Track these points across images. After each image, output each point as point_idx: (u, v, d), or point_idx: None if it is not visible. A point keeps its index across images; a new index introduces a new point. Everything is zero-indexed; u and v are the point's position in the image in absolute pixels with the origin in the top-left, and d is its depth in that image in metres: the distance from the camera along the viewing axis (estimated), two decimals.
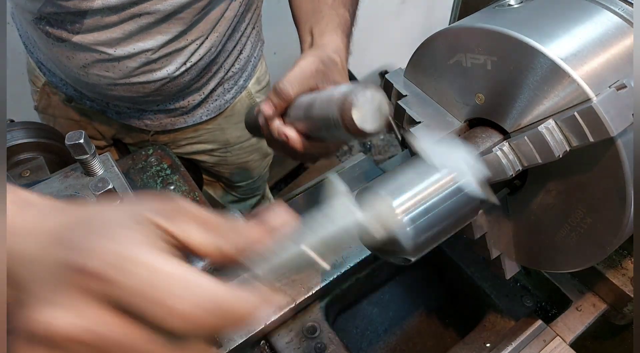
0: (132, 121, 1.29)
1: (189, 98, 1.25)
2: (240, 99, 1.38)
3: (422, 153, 0.57)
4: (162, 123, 1.30)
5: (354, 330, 1.05)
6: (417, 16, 2.89)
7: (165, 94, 1.17)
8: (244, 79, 1.35)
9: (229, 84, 1.31)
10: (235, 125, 1.42)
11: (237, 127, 1.43)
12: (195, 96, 1.25)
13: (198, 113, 1.32)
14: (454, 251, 0.99)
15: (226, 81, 1.29)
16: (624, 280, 0.83)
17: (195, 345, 0.36)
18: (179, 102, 1.24)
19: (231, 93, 1.33)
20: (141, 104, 1.22)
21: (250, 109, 0.96)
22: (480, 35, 0.62)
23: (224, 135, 1.43)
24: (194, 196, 0.92)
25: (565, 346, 0.82)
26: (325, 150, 0.82)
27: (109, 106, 1.25)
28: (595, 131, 0.53)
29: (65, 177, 0.65)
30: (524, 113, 0.61)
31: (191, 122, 1.33)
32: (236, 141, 1.46)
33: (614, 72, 0.56)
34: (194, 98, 1.26)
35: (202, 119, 1.34)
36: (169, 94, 1.18)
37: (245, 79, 1.36)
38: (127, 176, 0.92)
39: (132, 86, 1.10)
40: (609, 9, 0.60)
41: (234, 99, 1.35)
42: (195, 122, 1.33)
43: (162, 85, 1.12)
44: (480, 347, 0.87)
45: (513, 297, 0.92)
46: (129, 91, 1.11)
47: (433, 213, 0.61)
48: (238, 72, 1.31)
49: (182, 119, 1.31)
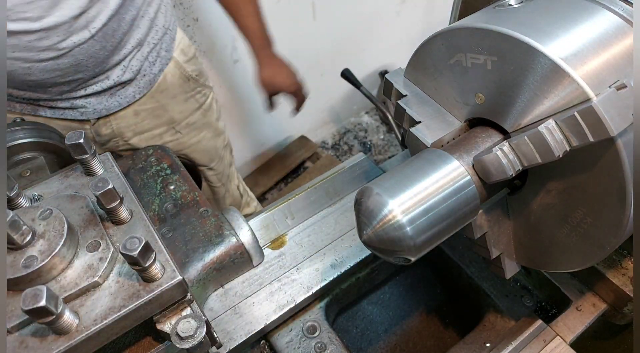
0: (67, 113, 1.26)
1: (110, 73, 1.24)
2: (169, 70, 1.38)
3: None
4: (96, 109, 1.28)
5: (353, 329, 1.05)
6: (417, 16, 2.89)
7: (84, 68, 1.16)
8: (166, 50, 1.36)
9: (152, 57, 1.32)
10: (173, 99, 1.42)
11: (177, 101, 1.43)
12: (116, 70, 1.25)
13: (130, 92, 1.31)
14: (454, 251, 0.99)
15: (149, 54, 1.30)
16: (624, 280, 0.83)
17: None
18: (102, 80, 1.23)
19: (157, 65, 1.34)
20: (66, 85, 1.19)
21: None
22: (480, 36, 0.62)
23: (167, 113, 1.43)
24: (194, 196, 0.92)
25: (565, 346, 0.82)
26: None
27: (39, 102, 1.22)
28: (595, 131, 0.53)
29: (65, 177, 0.65)
30: (524, 113, 0.61)
31: (125, 103, 1.32)
32: (180, 117, 1.47)
33: (614, 72, 0.56)
34: (117, 74, 1.25)
35: (135, 97, 1.33)
36: (88, 68, 1.17)
37: (167, 50, 1.36)
38: (127, 176, 0.92)
39: (47, 63, 1.09)
40: (609, 8, 0.60)
41: (161, 71, 1.36)
42: (130, 102, 1.32)
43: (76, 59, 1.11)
44: (480, 346, 0.87)
45: (513, 297, 0.92)
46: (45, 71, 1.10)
47: (433, 213, 0.61)
48: (158, 43, 1.32)
49: (115, 102, 1.30)
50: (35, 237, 0.52)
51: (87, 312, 0.51)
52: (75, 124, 1.31)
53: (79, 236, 0.55)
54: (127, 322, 0.52)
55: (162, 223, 0.88)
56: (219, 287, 0.89)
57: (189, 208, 0.90)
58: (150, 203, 0.91)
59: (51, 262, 0.51)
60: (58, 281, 0.52)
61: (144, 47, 1.28)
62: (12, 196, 0.58)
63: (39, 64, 1.10)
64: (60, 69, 1.13)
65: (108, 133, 1.37)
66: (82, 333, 0.49)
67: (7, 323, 0.49)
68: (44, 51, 1.08)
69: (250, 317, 0.84)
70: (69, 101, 1.24)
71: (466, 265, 0.97)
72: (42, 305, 0.44)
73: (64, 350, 0.49)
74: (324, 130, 3.16)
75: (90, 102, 1.27)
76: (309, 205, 1.01)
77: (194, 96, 1.49)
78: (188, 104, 1.48)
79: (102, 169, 0.64)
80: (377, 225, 0.60)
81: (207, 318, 0.58)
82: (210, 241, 0.85)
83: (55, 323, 0.47)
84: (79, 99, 1.24)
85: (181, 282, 0.54)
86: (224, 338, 0.82)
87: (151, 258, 0.51)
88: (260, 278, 0.89)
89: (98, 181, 0.54)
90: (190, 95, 1.48)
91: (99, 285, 0.53)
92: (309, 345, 0.85)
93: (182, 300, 0.56)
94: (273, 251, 0.94)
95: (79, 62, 1.14)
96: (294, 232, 0.97)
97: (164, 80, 1.38)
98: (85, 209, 0.58)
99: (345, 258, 0.92)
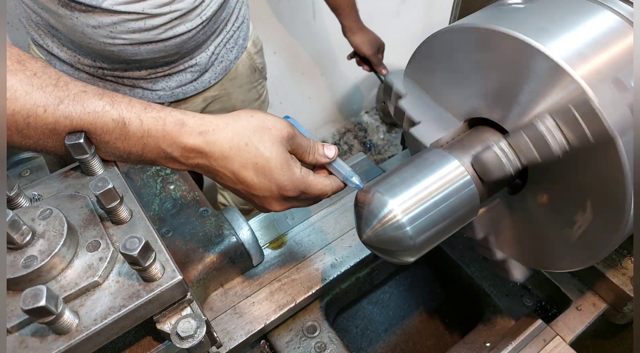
0: (146, 95, 1.32)
1: (197, 57, 1.31)
2: (242, 61, 1.46)
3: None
4: (174, 93, 1.34)
5: (354, 329, 1.05)
6: (417, 16, 2.89)
7: (184, 50, 1.24)
8: (243, 38, 1.43)
9: (231, 44, 1.39)
10: (239, 88, 1.50)
11: (242, 91, 1.51)
12: (202, 55, 1.31)
13: (206, 78, 1.38)
14: (453, 250, 0.99)
15: (228, 41, 1.37)
16: (623, 280, 0.83)
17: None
18: (188, 60, 1.30)
19: (233, 53, 1.41)
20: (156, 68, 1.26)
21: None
22: (480, 35, 0.62)
23: (230, 100, 1.50)
24: (194, 196, 0.92)
25: (565, 345, 0.82)
26: None
27: (124, 81, 1.28)
28: (595, 130, 0.53)
29: (65, 177, 0.65)
30: (524, 112, 0.61)
31: (200, 88, 1.38)
32: (241, 105, 1.54)
33: (614, 72, 0.56)
34: (202, 57, 1.31)
35: (210, 83, 1.39)
36: (188, 50, 1.25)
37: (244, 39, 1.44)
38: (127, 175, 0.92)
39: (156, 45, 1.17)
40: (609, 8, 0.60)
41: (237, 59, 1.43)
42: (205, 87, 1.39)
43: (181, 42, 1.20)
44: (480, 346, 0.87)
45: (513, 297, 0.92)
46: (151, 52, 1.18)
47: (433, 213, 0.61)
48: (237, 31, 1.39)
49: (192, 86, 1.36)
50: (35, 237, 0.52)
51: (87, 311, 0.51)
52: None
53: (79, 236, 0.55)
54: (127, 321, 0.52)
55: (162, 223, 0.88)
56: (219, 287, 0.89)
57: (189, 208, 0.90)
58: (150, 203, 0.91)
59: (51, 262, 0.51)
60: (58, 281, 0.52)
61: (228, 34, 1.36)
62: (12, 196, 0.58)
63: (149, 46, 1.17)
64: (166, 51, 1.20)
65: None
66: (82, 333, 0.49)
67: (7, 323, 0.49)
68: (162, 33, 1.15)
69: (250, 317, 0.84)
70: (150, 82, 1.29)
71: (466, 264, 0.97)
72: (42, 305, 0.44)
73: (64, 350, 0.49)
74: (324, 130, 3.16)
75: (170, 86, 1.32)
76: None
77: (256, 87, 1.57)
78: (250, 94, 1.55)
79: (102, 169, 0.64)
80: (376, 224, 0.60)
81: (207, 318, 0.58)
82: (210, 241, 0.85)
83: (55, 323, 0.47)
84: (160, 80, 1.30)
85: (181, 282, 0.54)
86: (224, 337, 0.82)
87: (151, 258, 0.51)
88: (260, 278, 0.90)
89: (98, 180, 0.54)
90: (253, 86, 1.55)
91: (99, 284, 0.53)
92: (309, 344, 0.85)
93: (182, 300, 0.56)
94: (273, 251, 0.94)
95: (182, 45, 1.21)
96: (294, 232, 0.97)
97: (236, 68, 1.45)
98: (85, 209, 0.58)
99: (345, 257, 0.92)
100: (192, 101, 1.41)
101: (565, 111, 0.55)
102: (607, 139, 0.53)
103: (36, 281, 0.51)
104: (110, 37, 1.13)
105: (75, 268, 0.53)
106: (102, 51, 1.17)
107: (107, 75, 1.26)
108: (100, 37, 1.12)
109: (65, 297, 0.51)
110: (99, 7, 1.06)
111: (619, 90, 0.54)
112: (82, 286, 0.51)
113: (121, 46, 1.15)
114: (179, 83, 1.33)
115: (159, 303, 0.53)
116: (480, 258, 0.97)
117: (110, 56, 1.19)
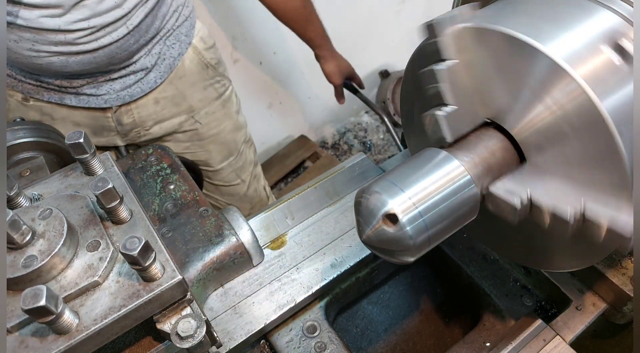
0: (91, 100, 1.30)
1: (136, 59, 1.29)
2: (188, 56, 1.43)
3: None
4: (119, 96, 1.33)
5: (354, 329, 1.05)
6: (417, 16, 2.89)
7: (117, 60, 1.23)
8: (185, 34, 1.40)
9: (171, 41, 1.36)
10: (192, 87, 1.46)
11: (196, 89, 1.48)
12: (141, 56, 1.30)
13: (151, 77, 1.36)
14: (453, 250, 0.99)
15: (167, 38, 1.35)
16: (623, 279, 0.83)
17: None
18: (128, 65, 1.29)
19: (176, 49, 1.38)
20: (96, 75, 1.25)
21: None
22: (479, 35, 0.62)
23: (185, 100, 1.47)
24: (194, 196, 0.92)
25: (565, 345, 0.82)
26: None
27: (67, 90, 1.27)
28: (595, 130, 0.53)
29: (65, 176, 0.65)
30: (524, 113, 0.61)
31: (147, 89, 1.36)
32: (199, 105, 1.50)
33: (614, 72, 0.56)
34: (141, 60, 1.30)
35: (156, 82, 1.37)
36: (121, 59, 1.24)
37: (187, 34, 1.41)
38: (127, 175, 0.92)
39: (83, 56, 1.15)
40: (609, 8, 0.60)
41: (181, 55, 1.41)
42: (151, 87, 1.37)
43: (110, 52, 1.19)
44: (480, 346, 0.87)
45: (513, 297, 0.92)
46: (80, 63, 1.16)
47: (433, 213, 0.61)
48: (178, 28, 1.37)
49: (138, 88, 1.35)
50: (35, 237, 0.52)
51: (87, 311, 0.51)
52: (99, 113, 1.36)
53: (79, 235, 0.55)
54: (127, 321, 0.52)
55: (162, 223, 0.88)
56: (219, 287, 0.89)
57: (188, 208, 0.90)
58: (150, 203, 0.91)
59: (51, 262, 0.51)
60: (58, 281, 0.52)
61: (167, 32, 1.35)
62: (12, 196, 0.58)
63: (77, 57, 1.16)
64: (96, 62, 1.20)
65: (130, 122, 1.41)
66: (82, 333, 0.49)
67: (7, 323, 0.49)
68: (85, 45, 1.14)
69: (250, 317, 0.84)
70: (94, 88, 1.29)
71: (466, 264, 0.97)
72: (42, 305, 0.44)
73: (64, 350, 0.49)
74: (324, 130, 3.16)
75: (114, 89, 1.31)
76: (309, 205, 1.01)
77: (212, 85, 1.53)
78: (207, 92, 1.52)
79: (102, 169, 0.64)
80: (376, 224, 0.60)
81: (207, 318, 0.58)
82: (210, 240, 0.85)
83: (55, 323, 0.47)
84: (103, 84, 1.29)
85: (181, 282, 0.54)
86: (224, 337, 0.82)
87: (151, 258, 0.51)
88: (260, 278, 0.89)
89: (98, 180, 0.54)
90: (209, 83, 1.52)
91: (99, 284, 0.53)
92: (309, 344, 0.85)
93: (182, 300, 0.56)
94: (273, 251, 0.94)
95: (113, 55, 1.21)
96: (294, 232, 0.97)
97: (183, 65, 1.42)
98: (85, 209, 0.58)
99: (345, 257, 0.92)
100: (143, 104, 1.39)
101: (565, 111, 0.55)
102: (607, 138, 0.53)
103: (36, 281, 0.51)
104: (35, 51, 1.12)
105: (75, 268, 0.53)
106: (30, 64, 1.16)
107: (50, 84, 1.25)
108: (24, 50, 1.12)
109: (65, 297, 0.51)
110: (14, 24, 1.06)
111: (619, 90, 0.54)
112: (82, 286, 0.51)
113: (47, 58, 1.13)
114: (123, 85, 1.31)
115: (159, 303, 0.53)
116: (480, 258, 0.97)
117: (40, 69, 1.18)
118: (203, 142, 1.56)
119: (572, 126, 0.56)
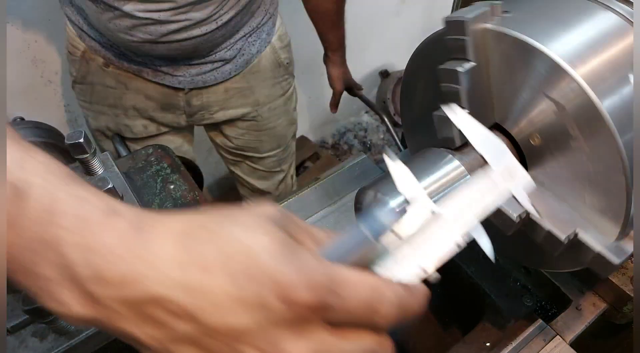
0: (167, 78, 1.37)
1: (218, 53, 1.36)
2: (265, 54, 1.48)
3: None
4: (194, 80, 1.39)
5: None
6: (417, 16, 2.89)
7: (202, 49, 1.31)
8: (267, 33, 1.46)
9: (253, 38, 1.42)
10: (263, 83, 1.52)
11: (265, 85, 1.53)
12: (222, 49, 1.36)
13: (227, 68, 1.41)
14: None
15: (250, 35, 1.41)
16: (623, 280, 0.83)
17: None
18: (209, 57, 1.36)
19: (255, 46, 1.43)
20: (177, 61, 1.33)
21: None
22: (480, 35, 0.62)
23: (253, 94, 1.53)
24: (194, 196, 0.92)
25: (565, 345, 0.82)
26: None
27: (147, 65, 1.34)
28: (595, 130, 0.53)
29: None
30: (524, 113, 0.61)
31: (220, 78, 1.42)
32: (265, 100, 1.56)
33: (614, 72, 0.56)
34: (222, 52, 1.36)
35: (230, 74, 1.43)
36: (205, 49, 1.31)
37: (268, 33, 1.46)
38: (127, 175, 0.92)
39: (171, 44, 1.23)
40: (609, 8, 0.60)
41: (259, 53, 1.46)
42: (225, 78, 1.43)
43: (197, 43, 1.26)
44: (480, 346, 0.87)
45: (513, 297, 0.92)
46: (167, 49, 1.25)
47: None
48: (260, 27, 1.42)
49: (212, 75, 1.40)
50: None
51: None
52: (171, 92, 1.43)
53: None
54: None
55: None
56: None
57: (188, 208, 0.90)
58: (150, 203, 0.91)
59: None
60: None
61: (250, 29, 1.40)
62: None
63: (165, 45, 1.24)
64: (182, 50, 1.27)
65: (198, 104, 1.48)
66: (82, 333, 0.49)
67: (7, 323, 0.49)
68: (176, 34, 1.21)
69: None
70: (171, 68, 1.35)
71: (466, 264, 0.97)
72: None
73: (64, 350, 0.49)
74: (324, 130, 3.16)
75: (190, 73, 1.37)
76: (309, 205, 1.01)
77: (280, 83, 1.58)
78: (274, 89, 1.58)
79: (102, 168, 0.64)
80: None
81: None
82: None
83: (55, 323, 0.47)
84: (182, 67, 1.36)
85: None
86: None
87: None
88: None
89: (98, 180, 0.54)
90: (277, 81, 1.57)
91: None
92: None
93: None
94: None
95: (199, 45, 1.28)
96: None
97: (259, 62, 1.47)
98: None
99: None
100: (214, 90, 1.45)
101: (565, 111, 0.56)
102: (608, 138, 0.53)
103: None
104: (130, 34, 1.20)
105: None
106: (123, 43, 1.25)
107: (133, 58, 1.33)
108: (120, 33, 1.20)
109: None
110: (119, 9, 1.14)
111: (619, 90, 0.54)
112: None
113: (139, 43, 1.22)
114: (199, 71, 1.37)
115: None
116: (480, 257, 0.97)
117: (130, 48, 1.26)
118: (258, 133, 1.64)
119: (572, 126, 0.56)
